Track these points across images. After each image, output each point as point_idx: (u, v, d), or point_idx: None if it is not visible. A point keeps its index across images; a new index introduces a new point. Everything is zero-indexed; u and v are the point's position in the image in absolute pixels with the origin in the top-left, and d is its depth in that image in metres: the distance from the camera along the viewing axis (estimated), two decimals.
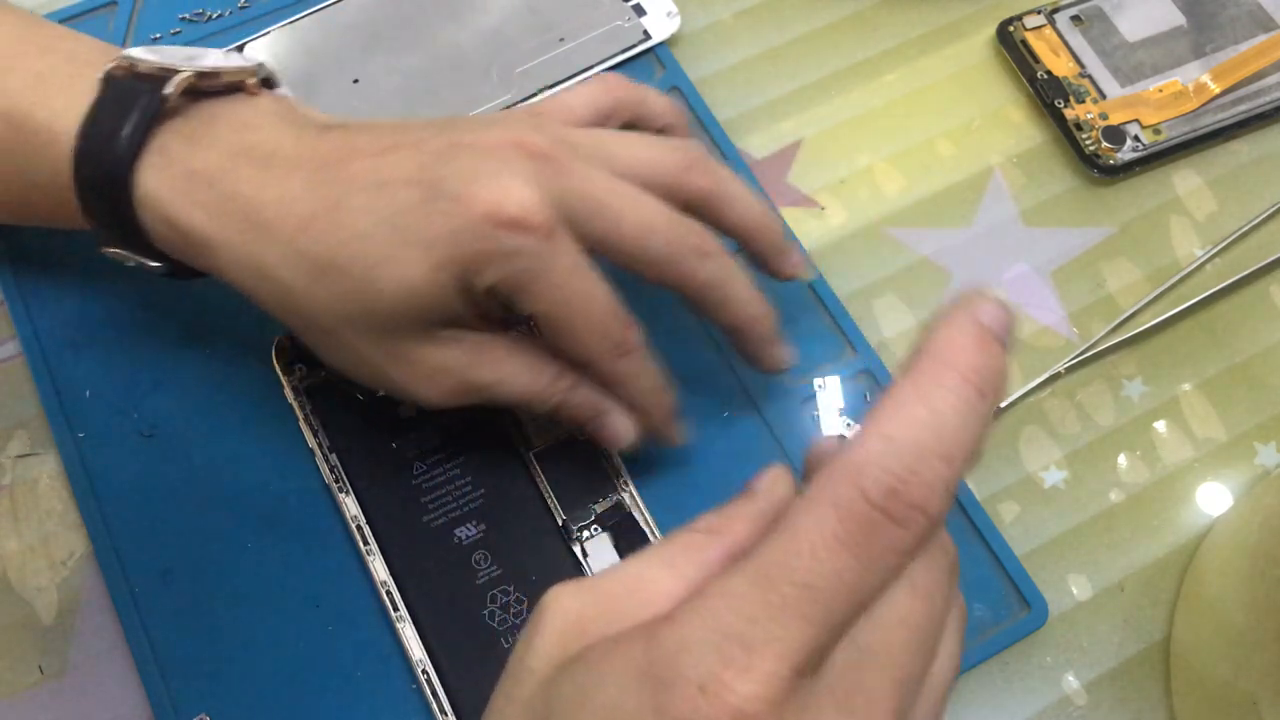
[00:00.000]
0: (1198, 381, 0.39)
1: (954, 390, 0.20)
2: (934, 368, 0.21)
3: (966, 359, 0.21)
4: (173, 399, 0.36)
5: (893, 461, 0.20)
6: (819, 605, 0.19)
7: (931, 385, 0.20)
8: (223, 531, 0.34)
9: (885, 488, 0.20)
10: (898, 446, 0.20)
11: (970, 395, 0.20)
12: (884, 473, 0.20)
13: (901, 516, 0.20)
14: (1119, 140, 0.42)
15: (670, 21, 0.43)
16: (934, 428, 0.20)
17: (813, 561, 0.19)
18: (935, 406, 0.20)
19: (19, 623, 0.34)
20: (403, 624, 0.33)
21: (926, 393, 0.20)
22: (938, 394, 0.20)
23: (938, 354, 0.21)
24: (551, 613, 0.22)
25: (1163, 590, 0.36)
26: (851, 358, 0.38)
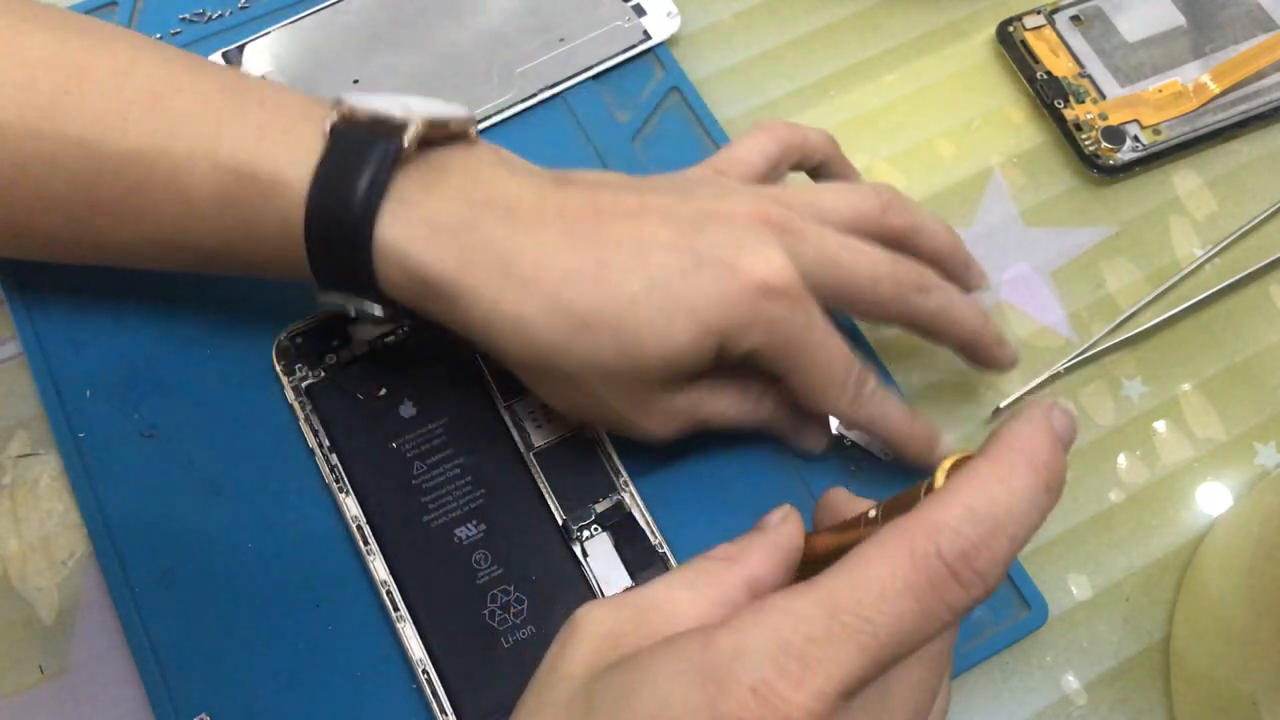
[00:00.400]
0: (1198, 381, 0.39)
1: (1027, 481, 0.22)
2: (1013, 457, 0.22)
3: (1041, 457, 0.23)
4: (173, 399, 0.36)
5: (969, 529, 0.22)
6: (877, 640, 0.21)
7: (1009, 471, 0.22)
8: (223, 531, 0.34)
9: (959, 550, 0.21)
10: (976, 517, 0.22)
11: (1040, 488, 0.22)
12: (960, 537, 0.21)
13: (967, 579, 0.21)
14: (1119, 140, 0.42)
15: (670, 21, 0.43)
16: (1007, 508, 0.22)
17: (880, 600, 0.21)
18: (1012, 489, 0.22)
19: (19, 623, 0.34)
20: (403, 624, 0.33)
21: (1005, 477, 0.22)
22: (1014, 480, 0.22)
23: (1017, 446, 0.23)
24: (586, 625, 0.24)
25: (1163, 590, 0.36)
26: None
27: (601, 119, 0.42)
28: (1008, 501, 0.22)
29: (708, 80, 0.44)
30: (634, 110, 0.42)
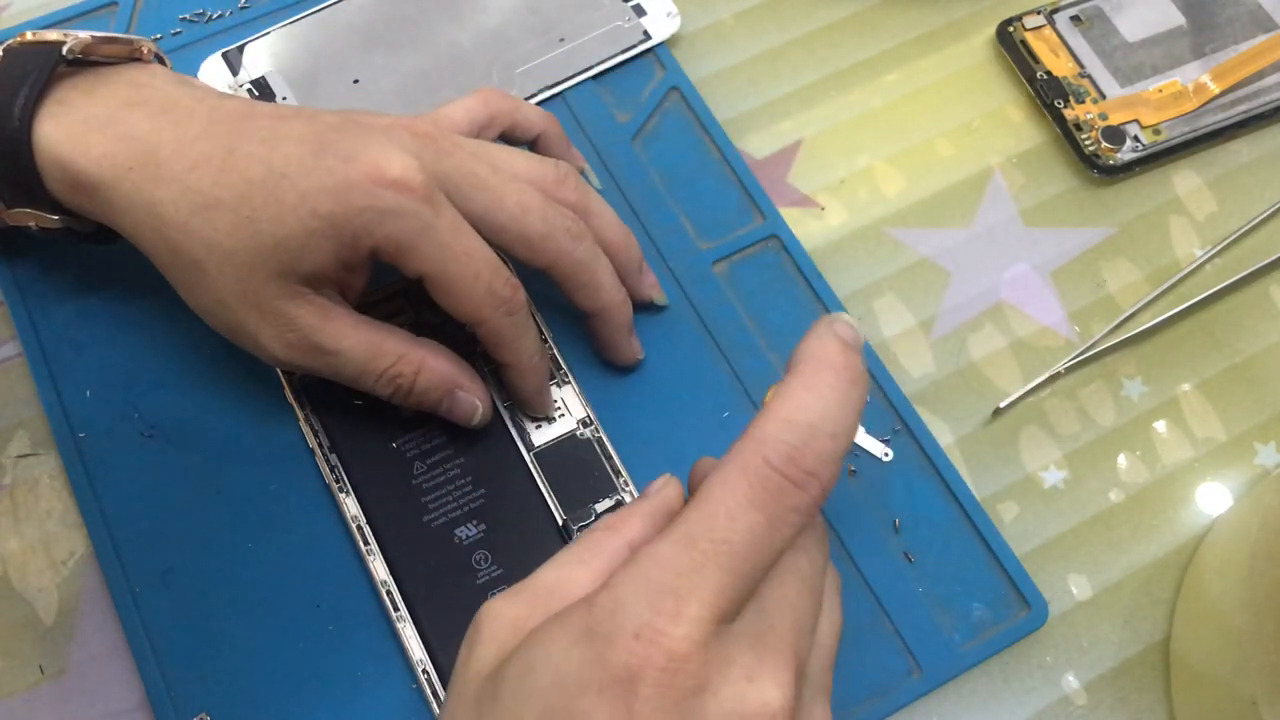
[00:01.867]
0: (1198, 381, 0.39)
1: (830, 381, 0.24)
2: (813, 367, 0.24)
3: (836, 360, 0.24)
4: (173, 399, 0.36)
5: (789, 435, 0.23)
6: (735, 557, 0.22)
7: (813, 379, 0.24)
8: (223, 531, 0.34)
9: (785, 456, 0.23)
10: (794, 425, 0.23)
11: (845, 385, 0.24)
12: (784, 445, 0.23)
13: (800, 480, 0.23)
14: (1119, 140, 0.42)
15: (670, 21, 0.43)
16: (821, 410, 0.24)
17: (728, 520, 0.23)
18: (820, 394, 0.24)
19: (19, 623, 0.34)
20: (403, 624, 0.33)
21: (811, 384, 0.24)
22: (820, 385, 0.24)
23: (814, 357, 0.25)
24: (488, 621, 0.25)
25: (1163, 590, 0.36)
26: None
27: (601, 119, 0.42)
28: (818, 404, 0.24)
29: (708, 80, 0.44)
30: (634, 110, 0.42)
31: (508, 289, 0.32)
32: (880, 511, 0.36)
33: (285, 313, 0.31)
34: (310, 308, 0.31)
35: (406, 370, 0.33)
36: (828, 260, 0.40)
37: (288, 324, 0.31)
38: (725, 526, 0.23)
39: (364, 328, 0.32)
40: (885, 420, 0.37)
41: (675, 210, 0.40)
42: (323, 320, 0.31)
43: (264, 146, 0.30)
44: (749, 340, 0.38)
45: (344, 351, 0.32)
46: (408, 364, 0.33)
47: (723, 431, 0.37)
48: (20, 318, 0.37)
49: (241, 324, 0.32)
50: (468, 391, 0.34)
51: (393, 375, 0.32)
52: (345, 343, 0.32)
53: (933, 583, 0.35)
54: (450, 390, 0.33)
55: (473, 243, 0.31)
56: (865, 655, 0.34)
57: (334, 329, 0.32)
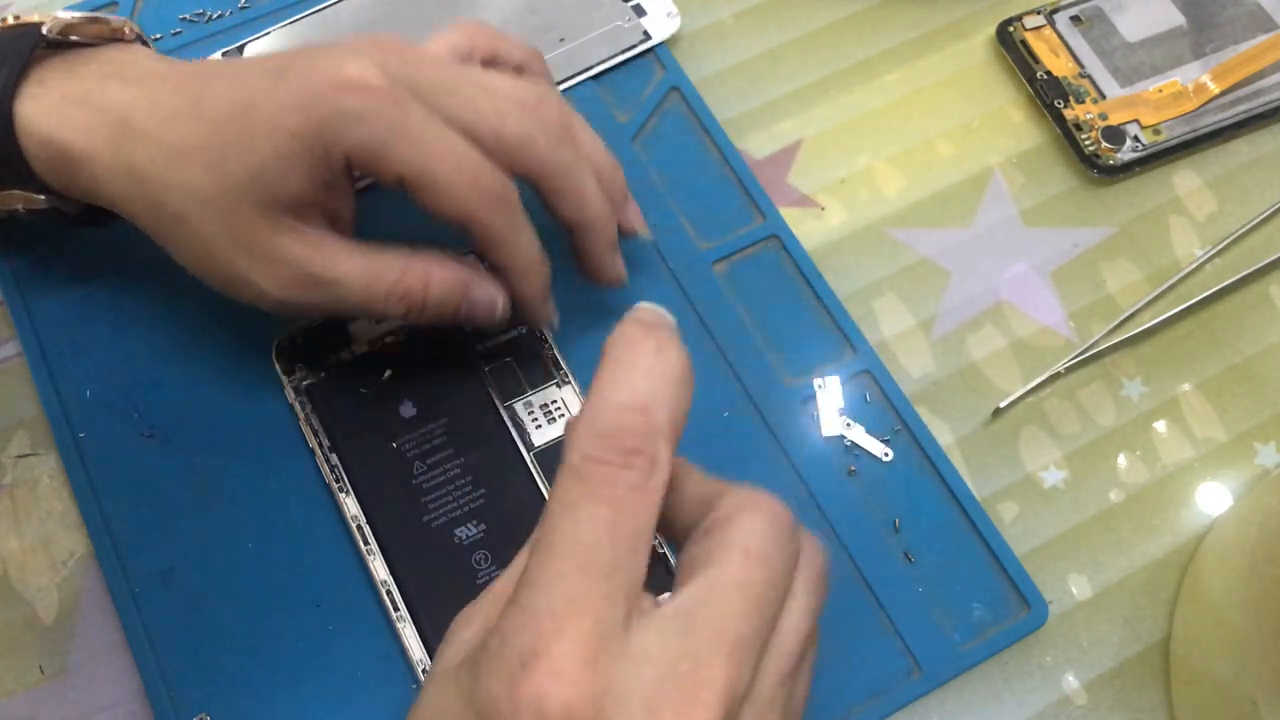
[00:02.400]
0: (1198, 381, 0.39)
1: (630, 360, 0.24)
2: (612, 355, 0.24)
3: (634, 336, 0.24)
4: (173, 399, 0.36)
5: (598, 424, 0.23)
6: (598, 556, 0.22)
7: (613, 366, 0.24)
8: (223, 531, 0.34)
9: (601, 446, 0.23)
10: (599, 412, 0.23)
11: (647, 357, 0.24)
12: (595, 436, 0.23)
13: (624, 461, 0.23)
14: (1119, 140, 0.42)
15: (670, 21, 0.43)
16: (626, 389, 0.23)
17: (574, 523, 0.22)
18: (621, 375, 0.24)
19: (19, 623, 0.34)
20: (403, 624, 0.33)
21: (612, 372, 0.24)
22: (620, 367, 0.24)
23: (611, 344, 0.24)
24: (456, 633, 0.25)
25: (1163, 590, 0.36)
26: (851, 358, 0.38)
27: (601, 119, 0.42)
28: (622, 385, 0.23)
29: (708, 80, 0.44)
30: (634, 110, 0.42)
31: (496, 183, 0.30)
32: (880, 511, 0.36)
33: (274, 247, 0.30)
34: (299, 238, 0.30)
35: (415, 283, 0.31)
36: (828, 260, 0.40)
37: (279, 259, 0.30)
38: (573, 530, 0.22)
39: (359, 250, 0.31)
40: (885, 420, 0.37)
41: (675, 210, 0.40)
42: (314, 250, 0.31)
43: (230, 85, 0.30)
44: (749, 340, 0.38)
45: (342, 278, 0.31)
46: (414, 276, 0.31)
47: (723, 431, 0.37)
48: (20, 318, 0.37)
49: (233, 269, 0.31)
50: (481, 291, 0.33)
51: (402, 292, 0.31)
52: (342, 268, 0.31)
53: (933, 583, 0.35)
54: (465, 291, 0.32)
55: (449, 136, 0.30)
56: (865, 655, 0.34)
57: (327, 256, 0.31)
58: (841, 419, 0.37)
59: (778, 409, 0.37)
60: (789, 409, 0.37)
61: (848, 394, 0.37)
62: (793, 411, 0.37)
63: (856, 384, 0.38)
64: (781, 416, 0.37)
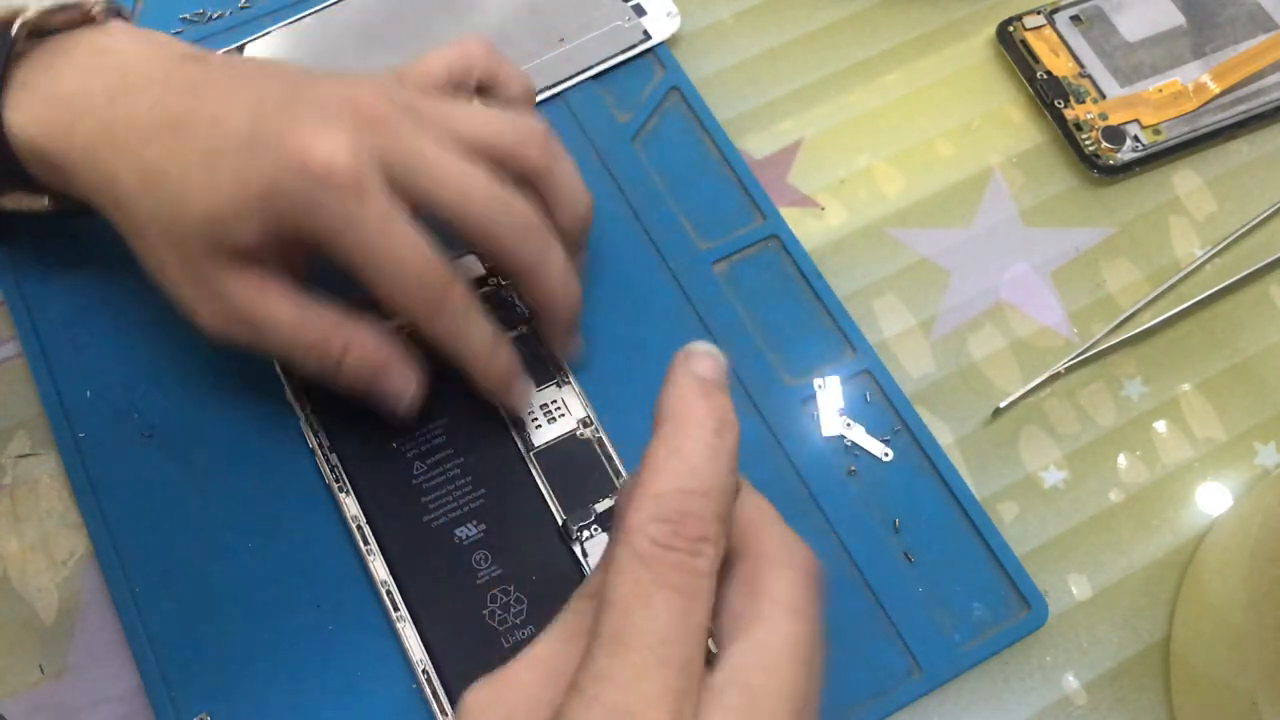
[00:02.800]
0: (1198, 381, 0.39)
1: (695, 437, 0.23)
2: (673, 425, 0.24)
3: (697, 408, 0.24)
4: (173, 399, 0.36)
5: (665, 511, 0.22)
6: (676, 651, 0.21)
7: (677, 439, 0.23)
8: (223, 531, 0.34)
9: (670, 533, 0.22)
10: (664, 498, 0.23)
11: (709, 437, 0.23)
12: (661, 522, 0.22)
13: (694, 549, 0.22)
14: (1119, 140, 0.42)
15: (670, 21, 0.43)
16: (688, 473, 0.23)
17: (647, 611, 0.22)
18: (684, 456, 0.23)
19: (19, 623, 0.34)
20: (403, 624, 0.33)
21: (675, 447, 0.23)
22: (684, 444, 0.23)
23: (672, 413, 0.24)
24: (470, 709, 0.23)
25: (1163, 590, 0.36)
26: (851, 358, 0.38)
27: (601, 119, 0.42)
28: (685, 468, 0.23)
29: (708, 80, 0.44)
30: (634, 110, 0.42)
31: (438, 287, 0.31)
32: (880, 511, 0.36)
33: (217, 284, 0.31)
34: (244, 280, 0.31)
35: (333, 348, 0.32)
36: (828, 260, 0.40)
37: (221, 295, 0.31)
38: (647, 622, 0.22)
39: (296, 301, 0.31)
40: (885, 420, 0.37)
41: (675, 210, 0.40)
42: (255, 293, 0.31)
43: (210, 121, 0.30)
44: (749, 340, 0.38)
45: (272, 326, 0.31)
46: (335, 342, 0.32)
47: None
48: (20, 318, 0.37)
49: (179, 293, 0.32)
50: (395, 374, 0.33)
51: (320, 352, 0.32)
52: (275, 316, 0.31)
53: (933, 583, 0.35)
54: (377, 374, 0.32)
55: (402, 237, 0.30)
56: (865, 655, 0.34)
57: (266, 302, 0.31)
58: (841, 419, 0.37)
59: (778, 409, 0.37)
60: (789, 409, 0.37)
61: (848, 394, 0.37)
62: (793, 411, 0.37)
63: (856, 384, 0.38)
64: (781, 416, 0.37)
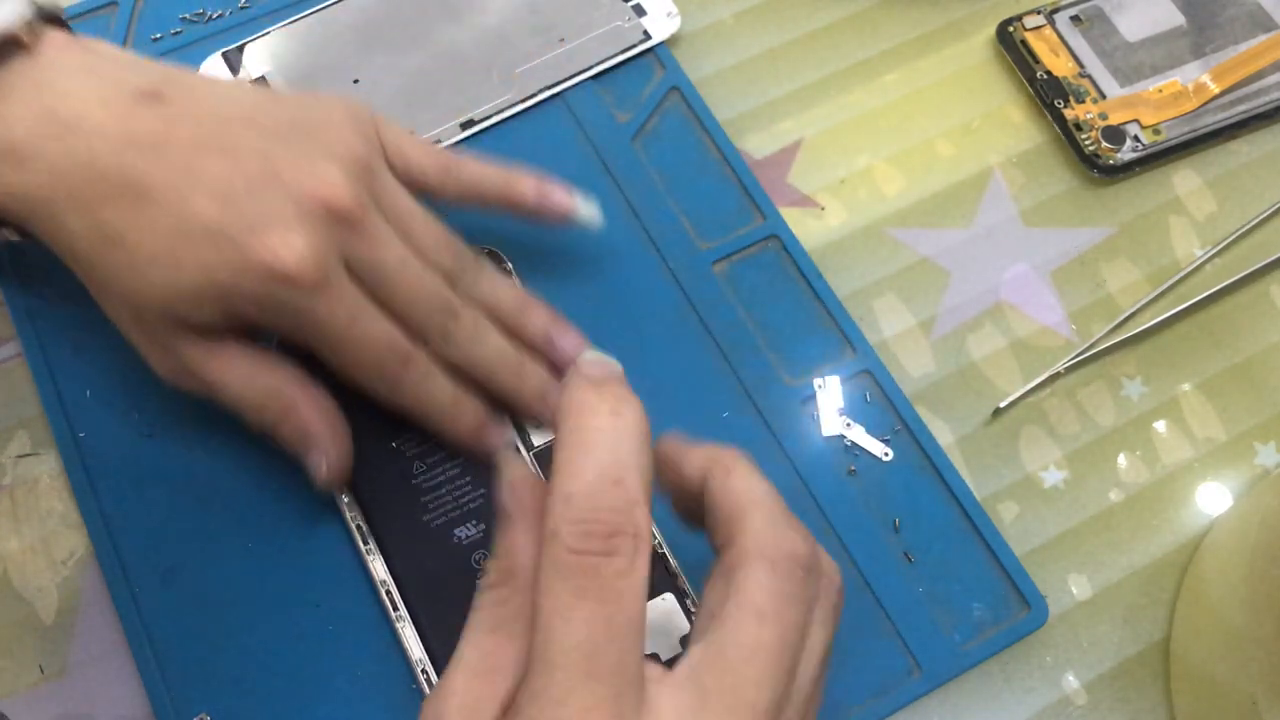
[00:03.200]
0: (1198, 381, 0.39)
1: (593, 427, 0.23)
2: (570, 423, 0.23)
3: (589, 399, 0.23)
4: (173, 399, 0.36)
5: (575, 511, 0.22)
6: (601, 660, 0.21)
7: (574, 435, 0.23)
8: (223, 531, 0.34)
9: (580, 534, 0.22)
10: (573, 496, 0.22)
11: (606, 420, 0.23)
12: (573, 524, 0.22)
13: (608, 548, 0.22)
14: (1119, 140, 0.42)
15: (670, 21, 0.43)
16: (594, 464, 0.22)
17: (567, 627, 0.21)
18: (586, 449, 0.23)
19: (19, 623, 0.34)
20: (402, 624, 0.33)
21: (574, 442, 0.23)
22: (582, 439, 0.23)
23: (568, 414, 0.24)
24: None
25: (1163, 590, 0.36)
26: (851, 358, 0.38)
27: (601, 119, 0.42)
28: (591, 461, 0.22)
29: (708, 80, 0.44)
30: (634, 110, 0.42)
31: (396, 364, 0.31)
32: (880, 511, 0.36)
33: (170, 342, 0.31)
34: (195, 344, 0.31)
35: (270, 413, 0.32)
36: (828, 260, 0.40)
37: (174, 355, 0.32)
38: (568, 635, 0.21)
39: (247, 363, 0.32)
40: (885, 420, 0.37)
41: (675, 210, 0.40)
42: (207, 356, 0.31)
43: (174, 195, 0.29)
44: (749, 340, 0.38)
45: (221, 387, 0.32)
46: (276, 405, 0.32)
47: (723, 432, 0.37)
48: (20, 318, 0.37)
49: (134, 343, 0.32)
50: (319, 450, 0.32)
51: (258, 414, 0.32)
52: (224, 379, 0.32)
53: (933, 583, 0.35)
54: (306, 444, 0.32)
55: (365, 329, 0.31)
56: (865, 655, 0.34)
57: (216, 365, 0.32)
58: (841, 419, 0.37)
59: (778, 409, 0.37)
60: (789, 409, 0.37)
61: (848, 394, 0.37)
62: (793, 411, 0.37)
63: (856, 384, 0.38)
64: (781, 416, 0.37)
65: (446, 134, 0.41)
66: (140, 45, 0.42)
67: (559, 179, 0.36)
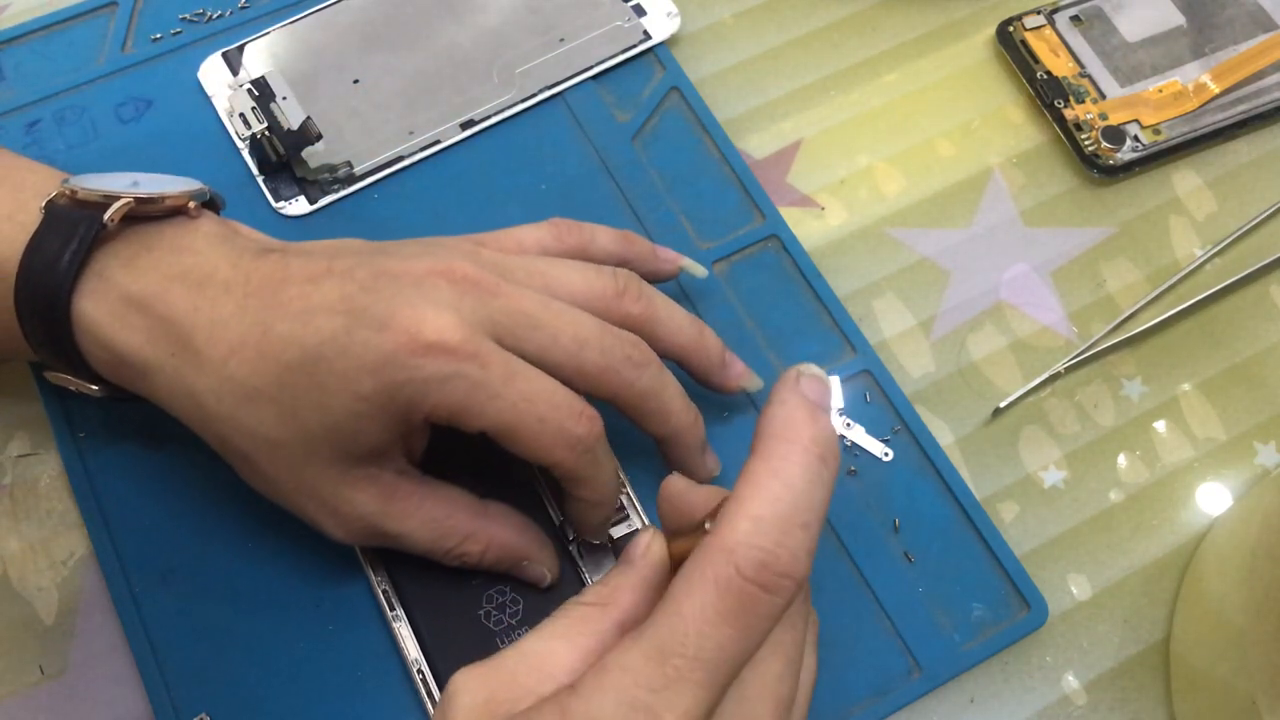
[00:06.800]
0: (1198, 381, 0.39)
1: (800, 462, 0.23)
2: (779, 446, 0.23)
3: (805, 434, 0.23)
4: None
5: (761, 539, 0.22)
6: (709, 672, 0.22)
7: (781, 463, 0.23)
8: (223, 531, 0.34)
9: (757, 563, 0.22)
10: (763, 523, 0.22)
11: (814, 464, 0.23)
12: (754, 549, 0.22)
13: (774, 586, 0.22)
14: (1119, 140, 0.42)
15: (670, 21, 0.43)
16: (790, 500, 0.22)
17: (699, 637, 0.22)
18: (788, 480, 0.22)
19: (19, 623, 0.34)
20: (399, 624, 0.33)
21: (778, 469, 0.22)
22: (788, 468, 0.22)
23: (779, 433, 0.23)
24: (459, 694, 0.23)
25: (1163, 590, 0.36)
26: (851, 358, 0.38)
27: (601, 119, 0.42)
28: (788, 494, 0.22)
29: (708, 80, 0.44)
30: (634, 110, 0.42)
31: (580, 425, 0.29)
32: (880, 511, 0.36)
33: (343, 500, 0.30)
34: (372, 491, 0.30)
35: (473, 549, 0.32)
36: (828, 260, 0.40)
37: (349, 510, 0.30)
38: (696, 644, 0.21)
39: (428, 505, 0.31)
40: (885, 420, 0.37)
41: (675, 210, 0.40)
42: (385, 503, 0.30)
43: (297, 323, 0.28)
44: (749, 340, 0.38)
45: (408, 534, 0.31)
46: (475, 542, 0.32)
47: (722, 432, 0.37)
48: None
49: (301, 510, 0.31)
50: (536, 561, 0.33)
51: (459, 554, 0.32)
52: (409, 524, 0.31)
53: (933, 583, 0.35)
54: (518, 562, 0.32)
55: (533, 386, 0.29)
56: (865, 655, 0.34)
57: (398, 511, 0.31)
58: (841, 419, 0.37)
59: None
60: None
61: (848, 394, 0.37)
62: None
63: (856, 384, 0.38)
64: None
65: (446, 134, 0.41)
66: (140, 45, 0.42)
67: None
